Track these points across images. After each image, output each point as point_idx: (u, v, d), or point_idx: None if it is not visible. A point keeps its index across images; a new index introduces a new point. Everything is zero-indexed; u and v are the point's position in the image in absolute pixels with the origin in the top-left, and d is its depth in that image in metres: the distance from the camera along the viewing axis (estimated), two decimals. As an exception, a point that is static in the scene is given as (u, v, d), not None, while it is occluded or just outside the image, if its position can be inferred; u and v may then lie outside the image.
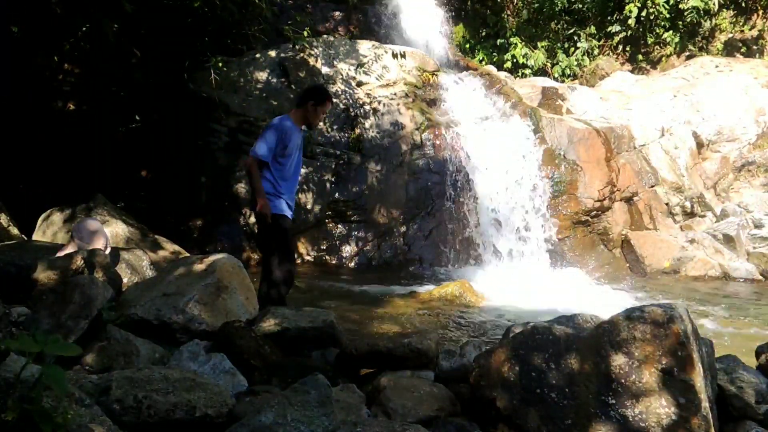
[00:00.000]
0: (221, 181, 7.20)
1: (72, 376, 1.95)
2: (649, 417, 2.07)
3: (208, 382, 2.10)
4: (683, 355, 2.11)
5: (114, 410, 1.84)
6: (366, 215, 7.34)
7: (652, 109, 9.84)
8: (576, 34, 13.12)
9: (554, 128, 8.17)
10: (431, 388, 2.46)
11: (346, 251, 7.25)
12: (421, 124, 7.71)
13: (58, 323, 2.40)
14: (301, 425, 1.72)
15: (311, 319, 2.93)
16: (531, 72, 12.72)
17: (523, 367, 2.25)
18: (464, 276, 6.60)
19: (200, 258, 3.32)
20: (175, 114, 7.28)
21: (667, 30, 12.31)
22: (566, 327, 2.33)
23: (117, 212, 5.32)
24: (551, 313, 3.27)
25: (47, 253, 3.59)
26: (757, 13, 12.66)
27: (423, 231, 7.43)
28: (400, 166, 7.53)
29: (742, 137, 9.74)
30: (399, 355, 2.72)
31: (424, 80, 8.26)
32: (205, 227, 7.08)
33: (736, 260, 7.80)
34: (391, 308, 5.22)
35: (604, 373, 2.16)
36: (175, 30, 6.93)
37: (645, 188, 8.67)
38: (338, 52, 8.09)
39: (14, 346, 1.50)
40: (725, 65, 11.01)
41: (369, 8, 10.06)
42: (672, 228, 8.66)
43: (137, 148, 7.28)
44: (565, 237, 7.67)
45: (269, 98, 7.56)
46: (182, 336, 2.77)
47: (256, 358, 2.59)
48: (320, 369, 2.56)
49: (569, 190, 7.81)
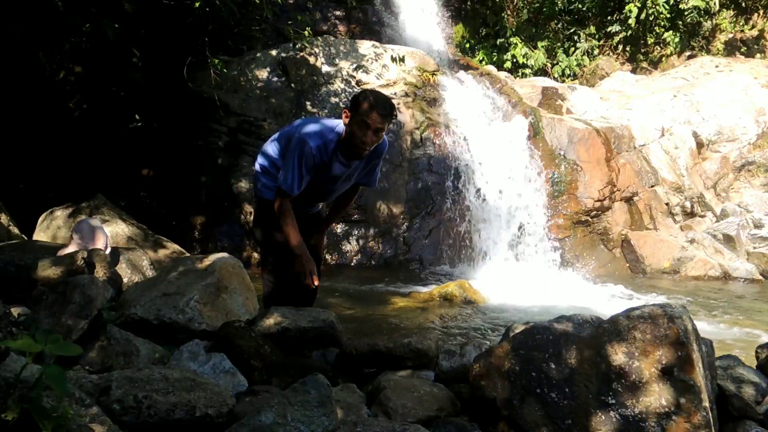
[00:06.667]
0: (221, 180, 7.20)
1: (72, 376, 1.95)
2: (649, 417, 2.07)
3: (208, 382, 2.10)
4: (683, 354, 2.11)
5: (114, 410, 1.84)
6: (366, 214, 7.34)
7: (652, 109, 9.84)
8: (576, 34, 13.12)
9: (554, 128, 8.17)
10: (431, 388, 2.46)
11: (347, 250, 7.25)
12: (422, 123, 7.72)
13: (58, 323, 2.40)
14: (301, 425, 1.72)
15: (311, 318, 2.93)
16: (531, 72, 12.72)
17: (523, 366, 2.25)
18: (464, 275, 6.62)
19: (200, 258, 3.31)
20: (175, 114, 7.28)
21: (668, 30, 12.30)
22: (566, 326, 2.33)
23: (117, 212, 5.32)
24: (551, 313, 3.27)
25: (47, 252, 3.59)
26: (758, 13, 12.66)
27: (423, 230, 7.43)
28: (401, 165, 7.53)
29: (742, 137, 9.74)
30: (399, 355, 2.72)
31: (424, 80, 8.26)
32: (205, 227, 7.09)
33: (736, 260, 7.80)
34: (391, 308, 5.23)
35: (604, 372, 2.16)
36: (175, 30, 6.93)
37: (645, 188, 8.67)
38: (338, 51, 8.09)
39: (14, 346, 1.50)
40: (725, 65, 11.02)
41: (369, 8, 10.06)
42: (672, 228, 8.66)
43: (137, 148, 7.28)
44: (565, 237, 7.67)
45: (269, 98, 7.56)
46: (182, 336, 2.77)
47: (256, 358, 2.58)
48: (320, 369, 2.56)
49: (569, 190, 7.82)
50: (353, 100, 2.98)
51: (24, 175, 6.66)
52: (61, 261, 3.33)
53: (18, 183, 6.51)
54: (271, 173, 3.18)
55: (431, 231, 7.43)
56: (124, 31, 5.74)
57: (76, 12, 5.44)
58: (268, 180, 3.18)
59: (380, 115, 2.88)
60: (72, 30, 6.14)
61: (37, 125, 6.80)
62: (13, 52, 6.11)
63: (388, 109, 2.93)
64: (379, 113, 2.88)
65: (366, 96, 2.94)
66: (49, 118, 6.98)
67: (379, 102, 2.91)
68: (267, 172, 3.20)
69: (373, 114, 2.87)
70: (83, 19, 5.64)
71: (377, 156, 3.20)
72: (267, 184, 3.18)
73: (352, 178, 3.21)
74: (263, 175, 3.21)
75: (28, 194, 6.26)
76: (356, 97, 2.98)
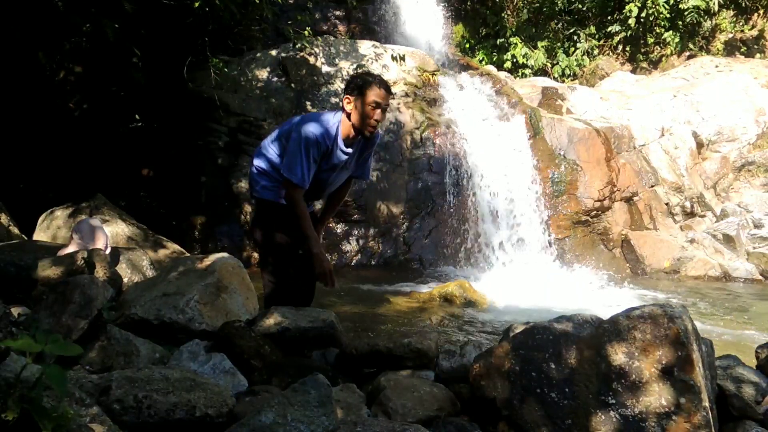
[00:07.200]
0: (221, 180, 7.20)
1: (72, 376, 1.95)
2: (649, 417, 2.07)
3: (208, 382, 2.10)
4: (683, 354, 2.11)
5: (114, 410, 1.84)
6: (366, 214, 7.34)
7: (652, 109, 9.84)
8: (576, 34, 13.12)
9: (554, 128, 8.17)
10: (431, 388, 2.46)
11: (347, 250, 7.26)
12: (422, 123, 7.72)
13: (58, 323, 2.40)
14: (301, 425, 1.72)
15: (311, 318, 2.92)
16: (531, 72, 12.72)
17: (523, 366, 2.25)
18: (464, 275, 6.61)
19: (200, 258, 3.31)
20: (175, 114, 7.29)
21: (667, 30, 12.30)
22: (566, 326, 2.33)
23: (117, 212, 5.32)
24: (551, 313, 3.27)
25: (47, 252, 3.58)
26: (758, 12, 12.66)
27: (423, 230, 7.43)
28: (401, 165, 7.53)
29: (742, 137, 9.75)
30: (399, 355, 2.72)
31: (424, 80, 8.26)
32: (205, 227, 7.09)
33: (736, 260, 7.80)
34: (391, 308, 5.23)
35: (604, 372, 2.16)
36: (175, 30, 6.93)
37: (645, 188, 8.67)
38: (338, 51, 8.09)
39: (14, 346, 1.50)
40: (725, 65, 11.02)
41: (369, 8, 10.07)
42: (672, 228, 8.66)
43: (137, 148, 7.28)
44: (565, 237, 7.67)
45: (269, 97, 7.56)
46: (182, 336, 2.77)
47: (256, 358, 2.58)
48: (320, 369, 2.56)
49: (569, 190, 7.82)
50: (353, 84, 3.03)
51: (24, 175, 6.66)
52: (61, 261, 3.33)
53: (18, 183, 6.51)
54: (271, 175, 3.15)
55: (431, 231, 7.43)
56: (124, 31, 5.74)
57: (76, 12, 5.45)
58: (267, 182, 3.16)
59: (386, 91, 3.02)
60: (72, 30, 6.14)
61: (37, 125, 6.81)
62: (13, 52, 6.12)
63: (387, 83, 3.09)
64: (385, 90, 3.02)
65: (366, 78, 3.04)
66: (49, 118, 6.98)
67: (381, 80, 3.05)
68: (266, 174, 3.17)
69: (382, 92, 2.98)
70: (83, 19, 5.64)
71: (371, 145, 3.25)
72: (267, 186, 3.16)
73: (348, 168, 3.23)
74: (262, 176, 3.18)
75: (28, 194, 6.26)
76: (356, 81, 3.04)
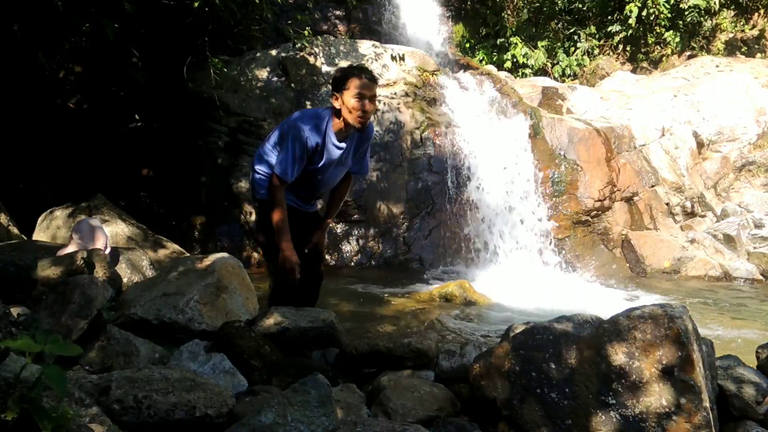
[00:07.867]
0: (221, 180, 7.20)
1: (72, 376, 1.95)
2: (649, 417, 2.07)
3: (208, 382, 2.10)
4: (684, 354, 2.11)
5: (114, 410, 1.84)
6: (366, 214, 7.34)
7: (652, 109, 9.84)
8: (576, 34, 13.11)
9: (554, 128, 8.17)
10: (431, 388, 2.45)
11: (347, 250, 7.25)
12: (422, 123, 7.72)
13: (58, 323, 2.40)
14: (301, 425, 1.72)
15: (311, 319, 2.92)
16: (531, 72, 12.71)
17: (523, 366, 2.25)
18: (464, 276, 6.61)
19: (200, 258, 3.32)
20: (175, 114, 7.28)
21: (668, 30, 12.30)
22: (566, 326, 2.32)
23: (117, 212, 5.32)
24: (551, 313, 3.27)
25: (47, 252, 3.59)
26: (758, 12, 12.65)
27: (423, 230, 7.43)
28: (401, 165, 7.53)
29: (742, 137, 9.74)
30: (399, 355, 2.72)
31: (425, 80, 8.26)
32: (205, 226, 7.09)
33: (737, 260, 7.79)
34: (391, 308, 5.22)
35: (604, 372, 2.16)
36: (175, 30, 6.93)
37: (645, 188, 8.66)
38: (338, 51, 8.09)
39: (14, 346, 1.50)
40: (726, 65, 11.01)
41: (369, 8, 10.07)
42: (672, 228, 8.65)
43: (137, 148, 7.28)
44: (565, 237, 7.67)
45: (269, 97, 7.56)
46: (182, 336, 2.77)
47: (256, 358, 2.58)
48: (320, 369, 2.56)
49: (569, 190, 7.82)
50: (335, 80, 3.03)
51: (24, 175, 6.66)
52: (61, 261, 3.33)
53: (18, 183, 6.50)
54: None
55: (431, 231, 7.42)
56: (124, 31, 5.75)
57: (76, 12, 5.45)
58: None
59: (369, 80, 2.96)
60: (72, 30, 6.14)
61: (37, 125, 6.80)
62: (13, 52, 6.11)
63: (370, 72, 3.03)
64: (367, 79, 2.95)
65: (346, 71, 3.02)
66: (50, 118, 6.98)
67: (361, 69, 3.01)
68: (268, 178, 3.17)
69: (363, 82, 2.94)
70: (83, 19, 5.64)
71: (366, 139, 3.24)
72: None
73: (345, 163, 3.22)
74: (265, 181, 3.16)
75: (28, 194, 6.25)
76: (337, 77, 3.03)
